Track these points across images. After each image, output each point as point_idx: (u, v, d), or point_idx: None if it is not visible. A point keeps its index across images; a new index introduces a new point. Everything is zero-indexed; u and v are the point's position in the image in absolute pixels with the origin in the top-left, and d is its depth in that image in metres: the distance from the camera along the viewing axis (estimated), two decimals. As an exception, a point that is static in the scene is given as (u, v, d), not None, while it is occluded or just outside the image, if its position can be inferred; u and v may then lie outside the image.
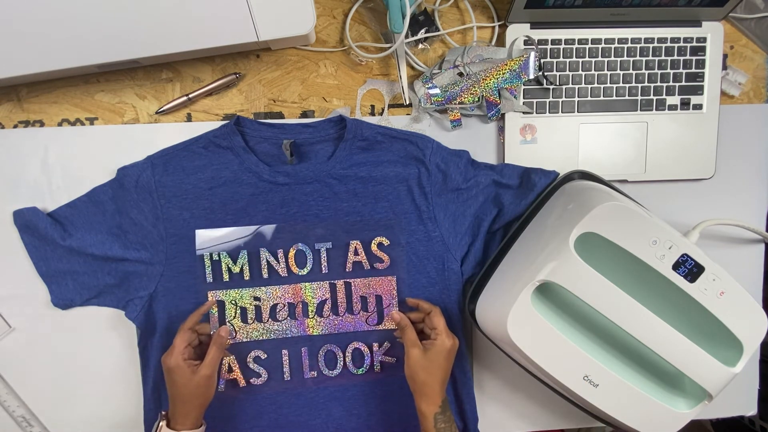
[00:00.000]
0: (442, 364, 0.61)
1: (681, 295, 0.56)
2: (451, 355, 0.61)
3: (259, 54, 0.69)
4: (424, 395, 0.60)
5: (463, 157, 0.69)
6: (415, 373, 0.61)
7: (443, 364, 0.61)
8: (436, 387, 0.60)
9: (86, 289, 0.67)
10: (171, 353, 0.60)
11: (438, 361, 0.60)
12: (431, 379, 0.60)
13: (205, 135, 0.67)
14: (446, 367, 0.61)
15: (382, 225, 0.69)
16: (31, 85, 0.67)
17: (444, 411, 0.60)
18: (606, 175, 0.70)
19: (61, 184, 0.68)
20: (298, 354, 0.70)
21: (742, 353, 0.57)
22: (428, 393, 0.60)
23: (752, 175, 0.76)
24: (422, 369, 0.60)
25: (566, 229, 0.58)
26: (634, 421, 0.58)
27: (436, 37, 0.71)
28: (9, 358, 0.70)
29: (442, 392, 0.60)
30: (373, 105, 0.72)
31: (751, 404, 0.79)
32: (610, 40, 0.70)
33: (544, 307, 0.63)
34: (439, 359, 0.60)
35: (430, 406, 0.59)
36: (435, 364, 0.60)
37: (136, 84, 0.68)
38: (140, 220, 0.66)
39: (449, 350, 0.61)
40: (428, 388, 0.60)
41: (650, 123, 0.72)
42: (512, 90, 0.69)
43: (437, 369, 0.60)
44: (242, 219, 0.68)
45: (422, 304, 0.67)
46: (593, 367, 0.57)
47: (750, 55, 0.75)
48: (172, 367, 0.59)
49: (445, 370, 0.61)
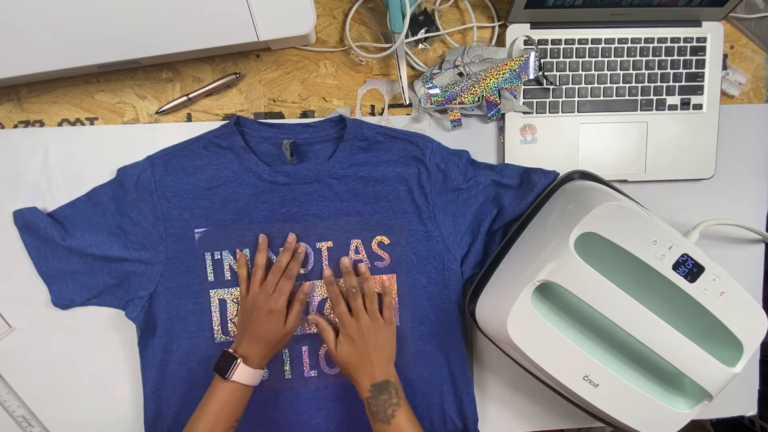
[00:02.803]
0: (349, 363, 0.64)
1: (681, 295, 0.56)
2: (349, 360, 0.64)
3: (259, 54, 0.69)
4: (353, 382, 0.65)
5: (463, 157, 0.70)
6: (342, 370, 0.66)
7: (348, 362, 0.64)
8: (355, 375, 0.64)
9: (86, 289, 0.67)
10: (278, 298, 0.63)
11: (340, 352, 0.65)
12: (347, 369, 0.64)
13: (205, 135, 0.67)
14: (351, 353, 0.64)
15: (382, 224, 0.69)
16: (31, 85, 0.67)
17: (375, 395, 0.62)
18: (606, 175, 0.70)
19: (61, 184, 0.68)
20: (299, 352, 0.70)
21: (742, 353, 0.57)
22: (353, 380, 0.64)
23: (752, 175, 0.76)
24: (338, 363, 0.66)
25: (566, 229, 0.58)
26: (634, 421, 0.58)
27: (436, 37, 0.71)
28: (9, 358, 0.70)
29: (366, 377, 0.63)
30: (373, 105, 0.72)
31: (751, 404, 0.79)
32: (610, 40, 0.70)
33: (544, 307, 0.63)
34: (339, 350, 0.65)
35: (362, 393, 0.63)
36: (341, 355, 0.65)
37: (136, 84, 0.68)
38: (140, 220, 0.66)
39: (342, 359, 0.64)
40: (351, 376, 0.64)
41: (650, 123, 0.72)
42: (512, 90, 0.69)
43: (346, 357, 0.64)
44: (242, 219, 0.68)
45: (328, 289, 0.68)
46: (593, 367, 0.57)
47: (750, 55, 0.75)
48: (277, 310, 0.63)
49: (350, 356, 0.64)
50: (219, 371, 0.61)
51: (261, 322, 0.63)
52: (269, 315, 0.63)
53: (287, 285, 0.65)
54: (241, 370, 0.61)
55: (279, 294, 0.64)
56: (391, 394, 0.62)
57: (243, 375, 0.61)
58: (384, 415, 0.61)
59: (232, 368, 0.60)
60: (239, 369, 0.60)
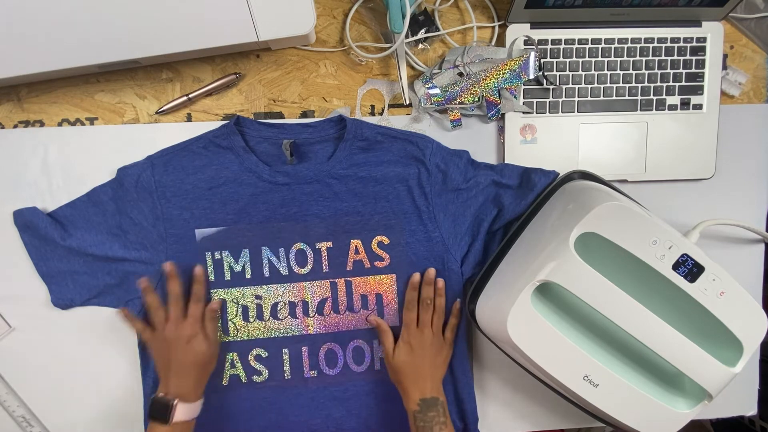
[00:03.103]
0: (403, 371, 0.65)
1: (681, 295, 0.56)
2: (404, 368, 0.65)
3: (259, 54, 0.69)
4: (402, 393, 0.65)
5: (463, 157, 0.70)
6: (391, 375, 0.67)
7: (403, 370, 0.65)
8: (408, 388, 0.64)
9: (86, 289, 0.67)
10: (193, 322, 0.63)
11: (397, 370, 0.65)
12: (400, 377, 0.65)
13: (205, 135, 0.67)
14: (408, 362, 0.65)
15: (382, 225, 0.69)
16: (31, 85, 0.67)
17: (424, 411, 0.62)
18: (606, 175, 0.70)
19: (61, 184, 0.68)
20: (299, 353, 0.70)
21: (742, 353, 0.57)
22: (403, 390, 0.65)
23: (752, 175, 0.76)
24: (391, 370, 0.67)
25: (566, 229, 0.58)
26: (634, 421, 0.58)
27: (436, 37, 0.71)
28: (9, 358, 0.70)
29: (417, 391, 0.63)
30: (373, 105, 0.72)
31: (751, 404, 0.79)
32: (610, 40, 0.70)
33: (544, 307, 0.63)
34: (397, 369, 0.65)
35: (409, 405, 0.63)
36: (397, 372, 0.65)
37: (136, 84, 0.68)
38: (140, 220, 0.66)
39: (398, 366, 0.65)
40: (401, 385, 0.65)
41: (650, 123, 0.72)
42: (512, 90, 0.69)
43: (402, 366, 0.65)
44: (242, 219, 0.68)
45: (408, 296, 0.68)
46: (593, 367, 0.57)
47: (750, 55, 0.75)
48: (195, 333, 0.61)
49: (408, 365, 0.65)
50: (157, 420, 0.58)
51: (183, 351, 0.61)
52: (189, 342, 0.61)
53: (196, 308, 0.64)
54: (180, 410, 0.59)
55: (191, 318, 0.63)
56: (439, 413, 0.62)
57: (183, 413, 0.59)
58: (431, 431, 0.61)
59: (170, 413, 0.58)
60: (178, 410, 0.58)
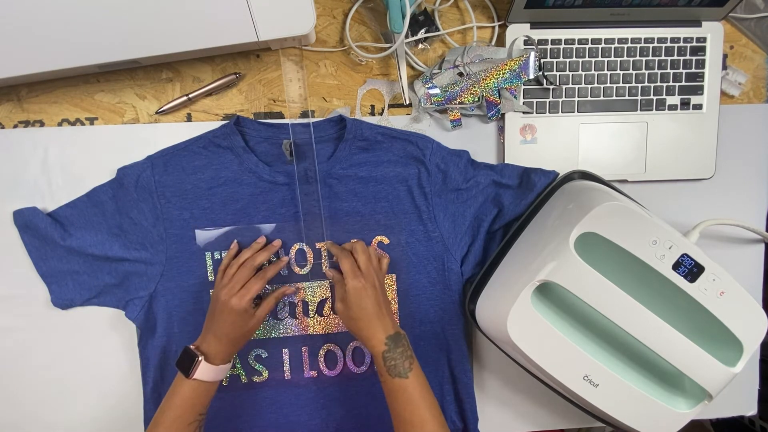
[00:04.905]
0: (361, 304, 0.61)
1: (681, 295, 0.56)
2: (362, 293, 0.61)
3: (259, 54, 0.69)
4: (364, 339, 0.61)
5: (463, 157, 0.70)
6: (347, 324, 0.63)
7: (361, 303, 0.61)
8: (369, 329, 0.60)
9: (86, 289, 0.67)
10: (244, 295, 0.60)
11: (355, 304, 0.61)
12: (360, 323, 0.61)
13: (205, 135, 0.67)
14: (366, 305, 0.61)
15: (382, 225, 0.69)
16: (31, 85, 0.67)
17: (392, 348, 0.59)
18: (606, 175, 0.70)
19: (61, 184, 0.68)
20: (299, 353, 0.70)
21: (742, 353, 0.57)
22: (366, 336, 0.61)
23: (752, 175, 0.76)
24: (348, 319, 0.62)
25: (566, 229, 0.58)
26: (634, 421, 0.58)
27: (436, 37, 0.71)
28: (9, 358, 0.70)
29: (380, 330, 0.60)
30: (373, 105, 0.72)
31: (751, 404, 0.79)
32: (610, 40, 0.70)
33: (544, 307, 0.63)
34: (354, 302, 0.61)
35: (375, 347, 0.60)
36: (354, 308, 0.61)
37: (136, 84, 0.68)
38: (140, 220, 0.66)
39: (357, 290, 0.61)
40: (362, 332, 0.61)
41: (650, 123, 0.72)
42: (512, 90, 0.69)
43: (358, 311, 0.61)
44: (242, 219, 0.68)
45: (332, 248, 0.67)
46: (593, 367, 0.57)
47: (750, 55, 0.75)
48: (241, 309, 0.60)
49: (364, 309, 0.61)
50: (180, 369, 0.59)
51: (222, 318, 0.60)
52: (230, 313, 0.60)
53: (257, 284, 0.62)
54: (202, 368, 0.58)
55: (245, 292, 0.61)
56: (405, 346, 0.60)
57: (204, 373, 0.58)
58: (402, 368, 0.58)
59: (193, 367, 0.58)
60: (200, 368, 0.58)
